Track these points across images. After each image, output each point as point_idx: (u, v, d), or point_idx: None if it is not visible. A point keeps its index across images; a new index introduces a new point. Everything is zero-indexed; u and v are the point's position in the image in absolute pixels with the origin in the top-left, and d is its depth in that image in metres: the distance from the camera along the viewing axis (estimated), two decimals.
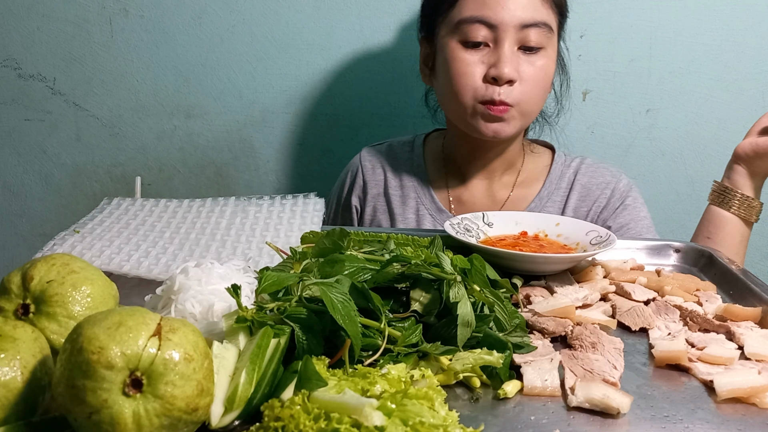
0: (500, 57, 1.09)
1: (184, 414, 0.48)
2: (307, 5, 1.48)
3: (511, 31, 1.08)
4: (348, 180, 1.34)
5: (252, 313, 0.59)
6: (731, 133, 1.48)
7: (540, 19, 1.09)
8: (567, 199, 1.25)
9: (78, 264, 0.61)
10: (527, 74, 1.11)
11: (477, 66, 1.10)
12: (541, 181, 1.26)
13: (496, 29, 1.09)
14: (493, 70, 1.09)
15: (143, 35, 1.52)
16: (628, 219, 1.22)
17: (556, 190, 1.25)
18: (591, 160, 1.28)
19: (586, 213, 1.24)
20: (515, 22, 1.08)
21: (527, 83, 1.11)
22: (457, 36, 1.12)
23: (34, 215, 1.64)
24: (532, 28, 1.09)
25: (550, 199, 1.25)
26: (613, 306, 0.79)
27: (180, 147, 1.59)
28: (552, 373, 0.62)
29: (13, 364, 0.50)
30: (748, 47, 1.44)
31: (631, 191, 1.24)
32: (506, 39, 1.09)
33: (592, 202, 1.24)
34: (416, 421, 0.48)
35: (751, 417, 0.58)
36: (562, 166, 1.27)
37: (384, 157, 1.33)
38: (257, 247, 0.90)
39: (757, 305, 0.78)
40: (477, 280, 0.70)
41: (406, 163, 1.31)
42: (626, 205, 1.23)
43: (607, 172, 1.26)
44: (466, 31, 1.10)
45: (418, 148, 1.33)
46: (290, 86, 1.53)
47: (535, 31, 1.09)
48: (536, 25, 1.09)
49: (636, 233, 1.20)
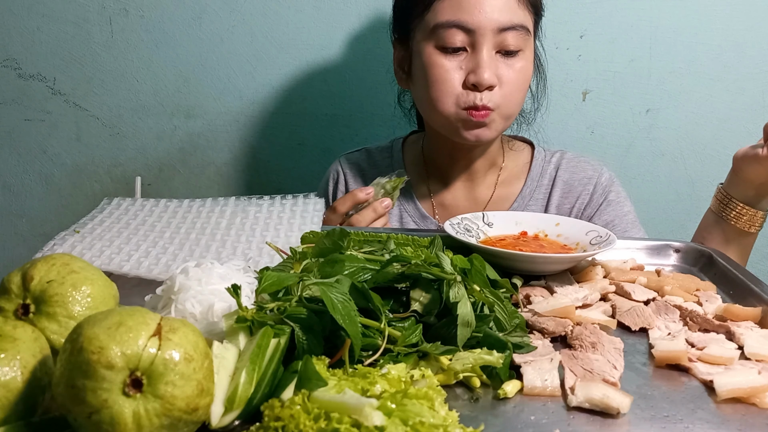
0: (479, 62, 1.07)
1: (184, 414, 0.48)
2: (307, 5, 1.48)
3: (488, 35, 1.07)
4: (330, 187, 1.33)
5: (252, 313, 0.59)
6: (731, 133, 1.48)
7: (517, 22, 1.08)
8: (549, 197, 1.25)
9: (78, 264, 0.61)
10: (507, 78, 1.09)
11: (456, 72, 1.09)
12: (522, 179, 1.26)
13: (474, 33, 1.07)
14: (472, 76, 1.07)
15: (143, 35, 1.52)
16: (612, 216, 1.22)
17: (537, 187, 1.25)
18: (571, 154, 1.28)
19: (569, 210, 1.24)
20: (493, 26, 1.06)
21: (507, 86, 1.09)
22: (433, 41, 1.09)
23: (34, 215, 1.64)
24: (509, 31, 1.07)
25: (533, 197, 1.25)
26: (613, 306, 0.79)
27: (180, 147, 1.59)
28: (552, 373, 0.62)
29: (13, 364, 0.50)
30: (748, 47, 1.44)
31: (613, 185, 1.25)
32: (484, 43, 1.07)
33: (575, 198, 1.24)
34: (416, 421, 0.48)
35: (751, 417, 0.58)
36: (542, 162, 1.27)
37: (364, 165, 1.32)
38: (257, 247, 0.90)
39: (757, 305, 0.78)
40: (477, 280, 0.70)
41: (387, 169, 1.29)
42: (609, 201, 1.23)
43: (588, 166, 1.26)
44: (443, 37, 1.08)
45: (397, 153, 1.32)
46: (290, 86, 1.53)
47: (513, 34, 1.08)
48: (514, 28, 1.07)
49: (621, 230, 1.20)
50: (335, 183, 1.33)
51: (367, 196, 1.09)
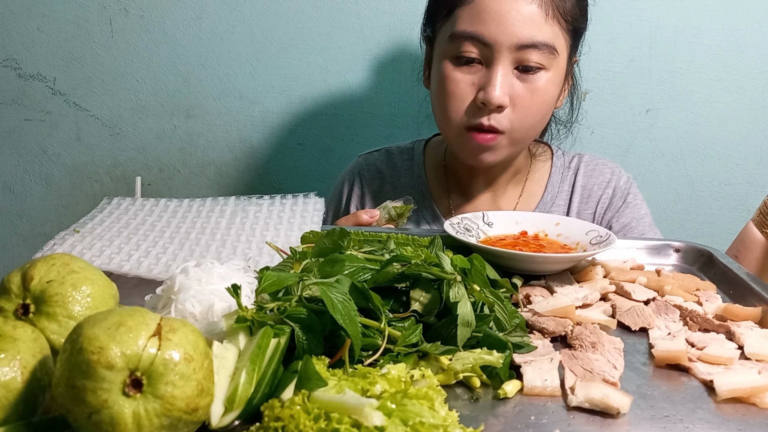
0: (490, 80, 1.00)
1: (184, 414, 0.48)
2: (307, 5, 1.48)
3: (505, 52, 0.99)
4: (346, 189, 1.30)
5: (252, 313, 0.59)
6: (731, 133, 1.48)
7: (540, 40, 0.99)
8: (570, 203, 1.23)
9: (78, 264, 0.61)
10: (521, 99, 1.02)
11: (467, 87, 1.03)
12: (542, 186, 1.24)
13: (490, 48, 1.00)
14: (482, 93, 1.01)
15: (143, 35, 1.52)
16: (630, 218, 1.21)
17: (559, 193, 1.23)
18: (588, 156, 1.26)
19: (591, 215, 1.22)
20: (511, 42, 0.99)
21: (520, 109, 1.02)
22: (450, 50, 1.04)
23: (34, 215, 1.64)
24: (531, 48, 0.99)
25: (554, 203, 1.22)
26: (613, 306, 0.79)
27: (180, 147, 1.59)
28: (552, 373, 0.62)
29: (13, 364, 0.50)
30: (748, 47, 1.44)
31: (632, 188, 1.23)
32: (500, 60, 1.00)
33: (595, 203, 1.22)
34: (416, 421, 0.48)
35: (751, 417, 0.58)
36: (562, 168, 1.25)
37: (383, 166, 1.28)
38: (257, 247, 0.90)
39: (757, 305, 0.78)
40: (477, 280, 0.70)
41: (406, 172, 1.25)
42: (628, 203, 1.21)
43: (606, 169, 1.25)
44: (458, 47, 1.02)
45: (419, 156, 1.27)
46: (290, 86, 1.53)
47: (535, 53, 0.99)
48: (535, 46, 0.99)
49: (639, 233, 1.19)
50: (351, 185, 1.29)
51: (371, 220, 1.04)
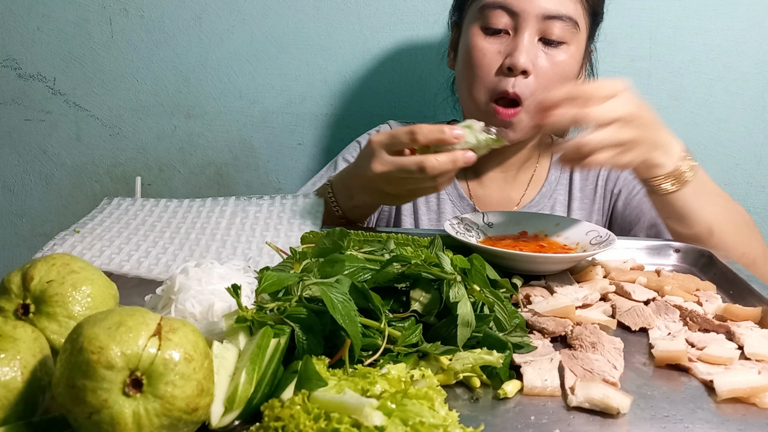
0: (517, 46, 1.06)
1: (184, 414, 0.48)
2: (307, 5, 1.48)
3: (532, 21, 1.05)
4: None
5: (252, 313, 0.59)
6: (731, 133, 1.48)
7: (565, 12, 1.06)
8: (571, 180, 1.25)
9: (78, 264, 0.61)
10: (543, 69, 1.07)
11: (494, 56, 1.08)
12: (547, 167, 1.28)
13: (518, 17, 1.06)
14: (508, 59, 1.06)
15: (143, 35, 1.52)
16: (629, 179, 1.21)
17: (562, 174, 1.26)
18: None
19: (592, 190, 1.25)
20: (538, 12, 1.05)
21: (542, 79, 1.07)
22: (479, 21, 1.10)
23: (34, 215, 1.64)
24: (555, 20, 1.06)
25: (559, 182, 1.26)
26: (613, 306, 0.79)
27: (180, 147, 1.58)
28: (552, 373, 0.62)
29: (13, 364, 0.50)
30: (748, 47, 1.44)
31: None
32: (526, 28, 1.06)
33: (594, 178, 1.25)
34: (416, 421, 0.48)
35: (751, 417, 0.58)
36: None
37: None
38: (257, 247, 0.90)
39: (757, 305, 0.78)
40: (477, 280, 0.70)
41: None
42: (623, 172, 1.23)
43: None
44: (487, 17, 1.08)
45: None
46: (290, 86, 1.53)
47: (559, 25, 1.06)
48: (560, 17, 1.06)
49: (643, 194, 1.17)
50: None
51: (455, 140, 0.88)
